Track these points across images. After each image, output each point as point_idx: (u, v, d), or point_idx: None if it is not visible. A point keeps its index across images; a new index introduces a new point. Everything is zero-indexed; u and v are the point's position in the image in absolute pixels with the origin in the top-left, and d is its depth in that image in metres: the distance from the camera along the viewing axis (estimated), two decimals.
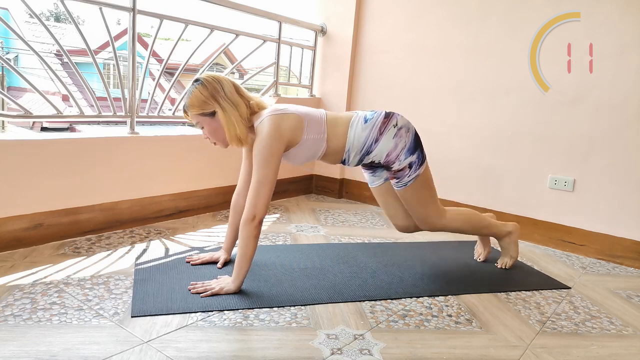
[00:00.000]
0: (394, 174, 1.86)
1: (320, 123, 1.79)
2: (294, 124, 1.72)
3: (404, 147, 1.81)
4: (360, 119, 1.81)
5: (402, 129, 1.82)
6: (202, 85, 1.69)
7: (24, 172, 1.97)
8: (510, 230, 2.15)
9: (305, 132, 1.74)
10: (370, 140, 1.80)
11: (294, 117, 1.73)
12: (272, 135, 1.66)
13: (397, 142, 1.80)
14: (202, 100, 1.69)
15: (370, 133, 1.79)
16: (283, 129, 1.69)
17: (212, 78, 1.71)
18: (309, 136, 1.76)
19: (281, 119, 1.70)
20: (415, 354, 1.43)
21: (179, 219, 2.59)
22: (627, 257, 2.44)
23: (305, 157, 1.82)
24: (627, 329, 1.72)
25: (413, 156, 1.83)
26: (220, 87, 1.70)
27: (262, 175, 1.65)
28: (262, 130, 1.68)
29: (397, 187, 1.90)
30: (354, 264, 2.10)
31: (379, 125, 1.80)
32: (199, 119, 1.72)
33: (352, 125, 1.80)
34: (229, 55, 13.51)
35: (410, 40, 3.06)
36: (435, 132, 2.98)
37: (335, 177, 3.44)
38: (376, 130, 1.79)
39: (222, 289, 1.69)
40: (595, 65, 2.47)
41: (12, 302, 1.53)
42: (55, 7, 20.85)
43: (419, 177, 1.85)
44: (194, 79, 1.75)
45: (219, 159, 2.70)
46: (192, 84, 1.73)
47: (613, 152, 2.46)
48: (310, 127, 1.76)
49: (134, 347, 1.34)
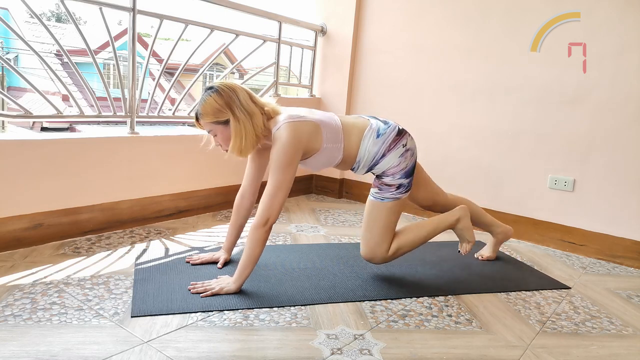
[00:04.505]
0: (380, 184, 1.86)
1: (338, 132, 1.80)
2: (311, 131, 1.73)
3: (404, 168, 1.83)
4: (374, 132, 1.82)
5: (409, 152, 1.85)
6: (217, 94, 1.67)
7: (24, 172, 1.97)
8: (457, 216, 2.02)
9: (324, 140, 1.76)
10: (379, 155, 1.82)
11: (311, 124, 1.73)
12: (290, 142, 1.67)
13: (400, 161, 1.82)
14: (216, 109, 1.67)
15: (380, 148, 1.81)
16: (301, 135, 1.69)
17: (227, 86, 1.69)
18: (328, 145, 1.77)
19: (299, 126, 1.70)
20: (415, 354, 1.43)
21: (179, 219, 2.59)
22: (627, 257, 2.44)
23: (322, 163, 1.84)
24: (627, 329, 1.72)
25: (406, 180, 1.85)
26: (235, 96, 1.68)
27: (279, 181, 1.66)
28: (281, 136, 1.67)
29: (374, 197, 1.87)
30: (354, 264, 2.10)
31: (389, 141, 1.82)
32: (212, 127, 1.71)
33: (365, 138, 1.81)
34: (229, 55, 13.51)
35: (410, 40, 3.06)
36: (435, 132, 2.99)
37: (335, 177, 3.44)
38: (386, 146, 1.81)
39: (222, 289, 1.69)
40: (595, 65, 2.47)
41: (12, 302, 1.54)
42: (56, 7, 20.86)
43: (399, 201, 1.86)
44: (207, 86, 1.72)
45: (219, 159, 2.69)
46: (205, 91, 1.71)
47: (613, 152, 2.46)
48: (329, 135, 1.77)
49: (134, 347, 1.34)
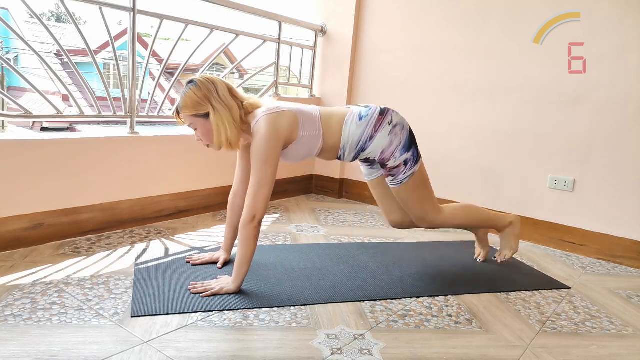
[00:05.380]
0: (389, 171, 1.86)
1: (315, 120, 1.78)
2: (290, 122, 1.71)
3: (399, 144, 1.81)
4: (355, 115, 1.80)
5: (397, 127, 1.82)
6: (195, 87, 1.68)
7: (24, 172, 1.97)
8: (511, 220, 2.12)
9: (300, 129, 1.74)
10: (365, 137, 1.79)
11: (289, 115, 1.72)
12: (269, 135, 1.65)
13: (392, 139, 1.80)
14: (195, 101, 1.68)
15: (365, 130, 1.78)
16: (280, 127, 1.68)
17: (206, 79, 1.70)
18: (305, 133, 1.75)
19: (277, 118, 1.69)
20: (415, 354, 1.43)
21: (179, 219, 2.59)
22: (627, 257, 2.44)
23: (302, 154, 1.81)
24: (627, 329, 1.72)
25: (408, 153, 1.83)
26: (214, 88, 1.68)
27: (261, 176, 1.64)
28: (259, 130, 1.67)
29: (392, 184, 1.89)
30: (354, 264, 2.10)
31: (373, 122, 1.79)
32: (192, 120, 1.71)
33: (347, 122, 1.79)
34: (229, 55, 13.51)
35: (410, 40, 3.06)
36: (435, 132, 2.98)
37: (335, 177, 3.44)
38: (371, 128, 1.78)
39: (222, 289, 1.69)
40: (595, 65, 2.47)
41: (12, 302, 1.54)
42: (56, 7, 20.86)
43: (415, 174, 1.85)
44: (188, 80, 1.74)
45: (219, 159, 2.69)
46: (186, 85, 1.72)
47: (613, 152, 2.45)
48: (306, 124, 1.75)
49: (134, 347, 1.34)
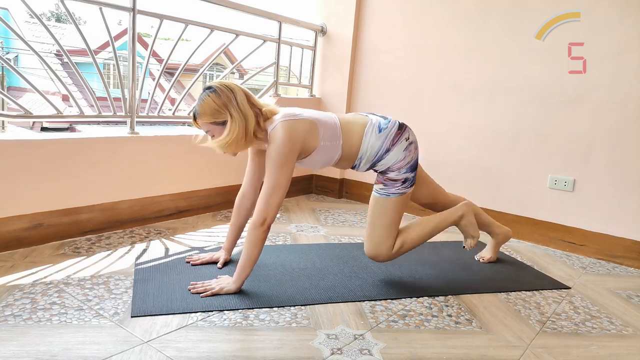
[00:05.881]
0: (385, 180, 1.84)
1: (335, 129, 1.78)
2: (307, 129, 1.71)
3: (409, 162, 1.82)
4: (375, 127, 1.80)
5: (412, 145, 1.84)
6: (215, 94, 1.66)
7: (24, 172, 1.97)
8: (461, 213, 2.02)
9: (321, 138, 1.74)
10: (383, 149, 1.80)
11: (306, 122, 1.72)
12: (286, 141, 1.65)
13: (405, 155, 1.81)
14: (214, 109, 1.66)
15: (384, 143, 1.79)
16: (296, 134, 1.68)
17: (225, 87, 1.68)
18: (325, 143, 1.75)
19: (294, 124, 1.68)
20: (415, 354, 1.43)
21: (179, 219, 2.59)
22: (627, 257, 2.44)
23: (320, 163, 1.82)
24: (627, 329, 1.72)
25: (411, 174, 1.84)
26: (233, 96, 1.67)
27: (276, 181, 1.64)
28: (276, 136, 1.66)
29: (379, 193, 1.85)
30: (354, 264, 2.10)
31: (392, 135, 1.80)
32: (209, 127, 1.70)
33: (367, 133, 1.80)
34: (229, 55, 13.52)
35: (410, 40, 3.06)
36: (435, 132, 2.99)
37: (335, 177, 3.44)
38: (389, 141, 1.79)
39: (222, 289, 1.69)
40: (595, 65, 2.47)
41: (12, 302, 1.54)
42: (56, 7, 20.87)
43: (403, 195, 1.84)
44: (206, 86, 1.71)
45: (219, 159, 2.69)
46: (203, 90, 1.70)
47: (613, 152, 2.46)
48: (326, 133, 1.75)
49: (134, 347, 1.34)
